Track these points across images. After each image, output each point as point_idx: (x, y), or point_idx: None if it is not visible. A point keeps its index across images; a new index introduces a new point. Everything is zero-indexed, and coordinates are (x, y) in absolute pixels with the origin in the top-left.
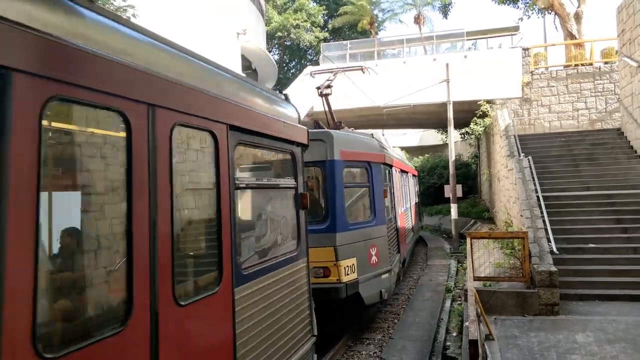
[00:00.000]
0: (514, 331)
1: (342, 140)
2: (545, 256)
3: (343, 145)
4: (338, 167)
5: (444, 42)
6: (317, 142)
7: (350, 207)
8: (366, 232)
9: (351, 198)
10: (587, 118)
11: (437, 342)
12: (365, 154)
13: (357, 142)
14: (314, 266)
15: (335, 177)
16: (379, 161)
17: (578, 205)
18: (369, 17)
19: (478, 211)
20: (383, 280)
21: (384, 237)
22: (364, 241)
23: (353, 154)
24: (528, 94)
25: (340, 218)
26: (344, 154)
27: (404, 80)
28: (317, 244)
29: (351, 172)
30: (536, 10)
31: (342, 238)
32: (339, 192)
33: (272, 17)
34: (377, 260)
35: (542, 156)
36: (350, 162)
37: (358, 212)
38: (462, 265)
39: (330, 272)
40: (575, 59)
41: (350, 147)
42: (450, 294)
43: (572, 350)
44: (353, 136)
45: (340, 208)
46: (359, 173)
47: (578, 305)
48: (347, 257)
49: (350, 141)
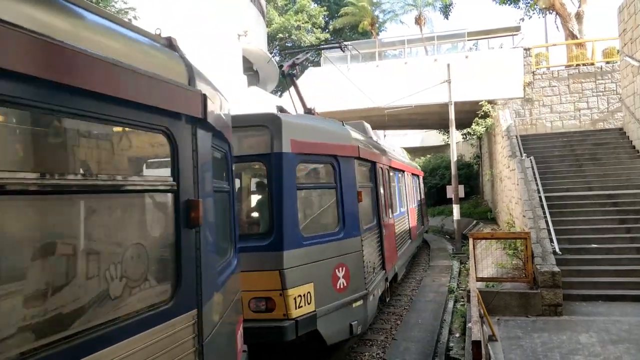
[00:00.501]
0: (517, 332)
1: (294, 126)
2: (547, 257)
3: (296, 132)
4: (288, 162)
5: (445, 42)
6: (258, 130)
7: (306, 215)
8: (330, 247)
9: (308, 203)
10: (589, 118)
11: (440, 343)
12: (330, 146)
13: (317, 130)
14: (252, 297)
15: (283, 176)
16: (350, 155)
17: (580, 205)
18: (370, 18)
19: (480, 212)
20: (355, 310)
21: (357, 252)
22: (326, 260)
23: (311, 145)
24: (530, 94)
25: (291, 230)
26: (298, 144)
27: (405, 81)
28: (257, 266)
29: (309, 169)
30: (537, 10)
31: (292, 257)
32: (288, 195)
33: (273, 19)
34: (346, 284)
35: (544, 156)
36: (307, 156)
37: (319, 222)
38: (464, 266)
39: (275, 305)
40: (577, 58)
41: (307, 135)
42: (453, 294)
43: (575, 351)
44: (312, 122)
45: (291, 217)
46: (322, 170)
47: (581, 305)
48: (299, 282)
49: (308, 128)
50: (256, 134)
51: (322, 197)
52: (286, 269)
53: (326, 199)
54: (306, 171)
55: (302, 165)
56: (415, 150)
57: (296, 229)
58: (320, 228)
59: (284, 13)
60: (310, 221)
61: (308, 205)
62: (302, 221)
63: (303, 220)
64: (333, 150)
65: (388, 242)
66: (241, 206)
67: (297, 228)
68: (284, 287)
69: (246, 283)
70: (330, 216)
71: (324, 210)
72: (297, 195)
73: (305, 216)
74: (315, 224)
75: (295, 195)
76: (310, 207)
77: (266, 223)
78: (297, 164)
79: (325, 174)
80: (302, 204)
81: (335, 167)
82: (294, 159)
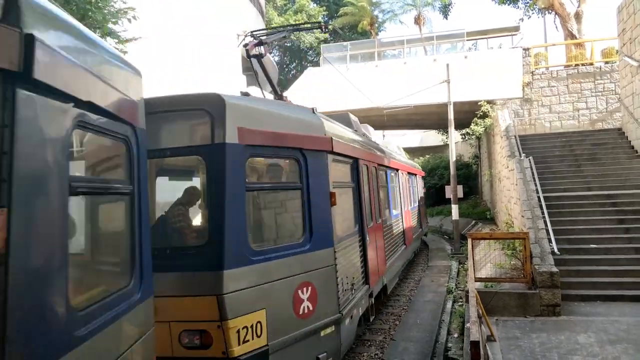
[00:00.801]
0: (515, 332)
1: (243, 110)
2: (546, 257)
3: (246, 118)
4: (234, 156)
5: (444, 42)
6: (194, 115)
7: (259, 223)
8: (292, 263)
9: (263, 208)
10: (588, 118)
11: (438, 343)
12: (294, 137)
13: (277, 117)
14: (184, 329)
15: (226, 173)
16: (321, 148)
17: (579, 205)
18: (369, 18)
19: (479, 212)
20: (324, 340)
21: (328, 267)
22: (285, 279)
23: (267, 136)
24: (528, 94)
25: (234, 243)
26: (248, 134)
27: (405, 81)
28: (189, 290)
29: (265, 166)
30: (536, 10)
31: (235, 278)
32: (233, 197)
33: (272, 19)
34: (312, 307)
35: (543, 156)
36: (261, 149)
37: (277, 232)
38: (463, 266)
39: (212, 340)
40: (576, 58)
41: (262, 122)
42: (451, 295)
43: (574, 351)
44: (270, 107)
45: (235, 226)
46: (283, 167)
47: (580, 306)
48: (245, 310)
49: (264, 114)
50: (192, 121)
51: (283, 201)
52: (227, 293)
53: (288, 202)
54: (261, 168)
55: (254, 161)
56: (414, 151)
57: (242, 241)
58: (279, 239)
59: (283, 13)
60: (264, 231)
61: (262, 211)
62: (252, 231)
63: (254, 229)
64: (298, 142)
65: (374, 251)
66: (171, 212)
67: (245, 240)
68: (223, 318)
69: (176, 311)
70: (293, 224)
71: (285, 216)
72: (246, 198)
73: (257, 225)
74: (271, 234)
75: (243, 198)
76: (265, 212)
77: (202, 234)
78: (246, 158)
79: (288, 172)
80: (254, 209)
81: (300, 162)
82: (243, 152)
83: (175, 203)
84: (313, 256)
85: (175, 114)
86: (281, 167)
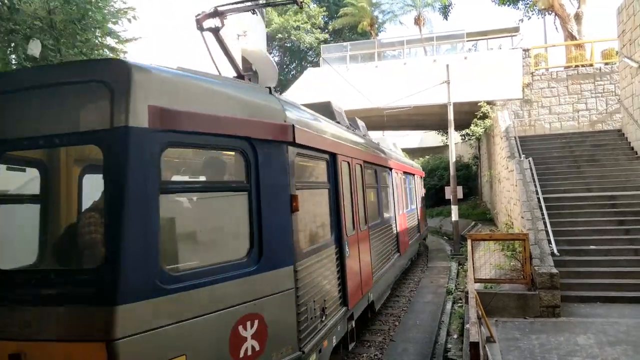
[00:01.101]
0: (515, 333)
1: (160, 83)
2: (546, 258)
3: (165, 95)
4: (141, 145)
5: (444, 43)
6: (89, 88)
7: (180, 236)
8: (230, 290)
9: (187, 216)
10: (588, 119)
11: (438, 344)
12: (237, 123)
13: (214, 95)
14: None
15: (127, 169)
16: (277, 138)
17: (579, 206)
18: (369, 18)
19: (479, 213)
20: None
21: (285, 293)
22: (220, 312)
23: (196, 119)
24: (528, 95)
25: (137, 264)
26: (165, 115)
27: (405, 82)
28: (69, 332)
29: (194, 158)
30: (536, 11)
31: (138, 315)
32: (137, 201)
33: (272, 19)
34: (260, 346)
35: (543, 157)
36: (186, 136)
37: (208, 247)
38: (463, 267)
39: None
40: (576, 59)
41: (188, 102)
42: (451, 296)
43: (573, 352)
44: (206, 82)
45: (140, 240)
46: (222, 161)
47: (579, 307)
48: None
49: (192, 91)
50: (86, 96)
51: (219, 206)
52: (122, 338)
53: (228, 208)
54: (189, 162)
55: (174, 152)
56: (414, 151)
57: (151, 262)
58: (211, 258)
59: (283, 13)
60: (187, 247)
61: (186, 220)
62: (169, 248)
63: (172, 245)
64: (245, 129)
65: (356, 265)
66: (80, 221)
67: (154, 261)
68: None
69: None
70: (233, 237)
71: (222, 227)
72: (161, 203)
73: (178, 239)
74: (199, 251)
75: (153, 203)
76: (192, 222)
77: (97, 252)
78: (161, 148)
79: (229, 168)
80: (172, 217)
81: (248, 156)
82: (156, 140)
83: (88, 208)
84: (262, 279)
85: (65, 88)
86: (220, 161)
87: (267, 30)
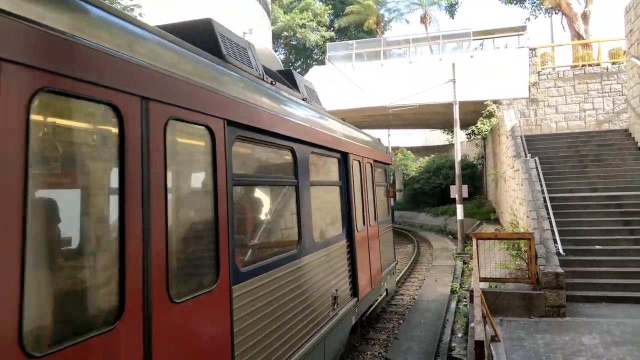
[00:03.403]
0: (519, 333)
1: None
2: (551, 257)
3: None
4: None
5: (450, 42)
6: None
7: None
8: None
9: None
10: (594, 119)
11: (442, 342)
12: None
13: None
14: None
15: None
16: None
17: (585, 206)
18: (375, 16)
19: (484, 212)
20: None
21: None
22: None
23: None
24: (535, 94)
25: None
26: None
27: (410, 80)
28: None
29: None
30: (543, 10)
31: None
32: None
33: (278, 17)
34: None
35: (549, 157)
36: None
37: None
38: (467, 266)
39: None
40: (583, 59)
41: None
42: (455, 295)
43: (578, 352)
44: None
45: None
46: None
47: (584, 307)
48: None
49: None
50: None
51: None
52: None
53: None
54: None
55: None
56: (419, 150)
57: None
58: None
59: (289, 11)
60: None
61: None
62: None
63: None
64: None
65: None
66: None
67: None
68: None
69: None
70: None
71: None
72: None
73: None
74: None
75: None
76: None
77: None
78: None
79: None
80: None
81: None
82: None
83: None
84: None
85: None
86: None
87: (272, 28)
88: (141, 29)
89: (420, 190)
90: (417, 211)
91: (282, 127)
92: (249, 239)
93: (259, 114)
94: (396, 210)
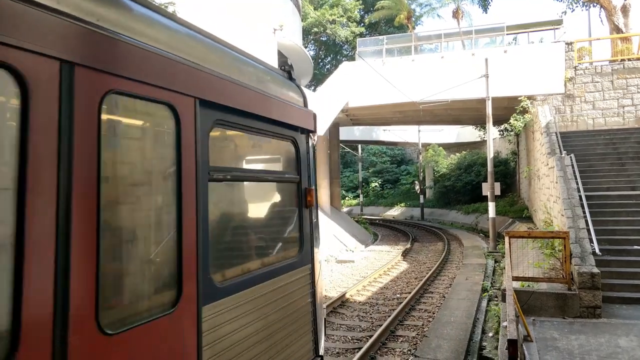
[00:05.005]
0: (553, 333)
1: None
2: (587, 257)
3: None
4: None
5: (483, 36)
6: None
7: None
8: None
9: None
10: (634, 115)
11: (472, 341)
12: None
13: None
14: None
15: None
16: None
17: (622, 205)
18: (406, 11)
19: (516, 210)
20: None
21: None
22: None
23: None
24: (571, 89)
25: None
26: None
27: (442, 76)
28: None
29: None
30: (580, 3)
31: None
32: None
33: (308, 13)
34: None
35: (585, 154)
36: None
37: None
38: (499, 264)
39: None
40: (622, 53)
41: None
42: (486, 293)
43: (614, 354)
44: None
45: None
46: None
47: (621, 308)
48: None
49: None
50: None
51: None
52: None
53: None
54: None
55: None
56: (451, 146)
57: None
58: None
59: (319, 7)
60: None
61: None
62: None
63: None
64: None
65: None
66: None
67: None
68: None
69: None
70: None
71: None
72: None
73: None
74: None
75: None
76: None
77: None
78: None
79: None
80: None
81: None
82: None
83: None
84: None
85: None
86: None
87: (302, 24)
88: None
89: (451, 188)
90: (447, 209)
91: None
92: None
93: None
94: (426, 208)
